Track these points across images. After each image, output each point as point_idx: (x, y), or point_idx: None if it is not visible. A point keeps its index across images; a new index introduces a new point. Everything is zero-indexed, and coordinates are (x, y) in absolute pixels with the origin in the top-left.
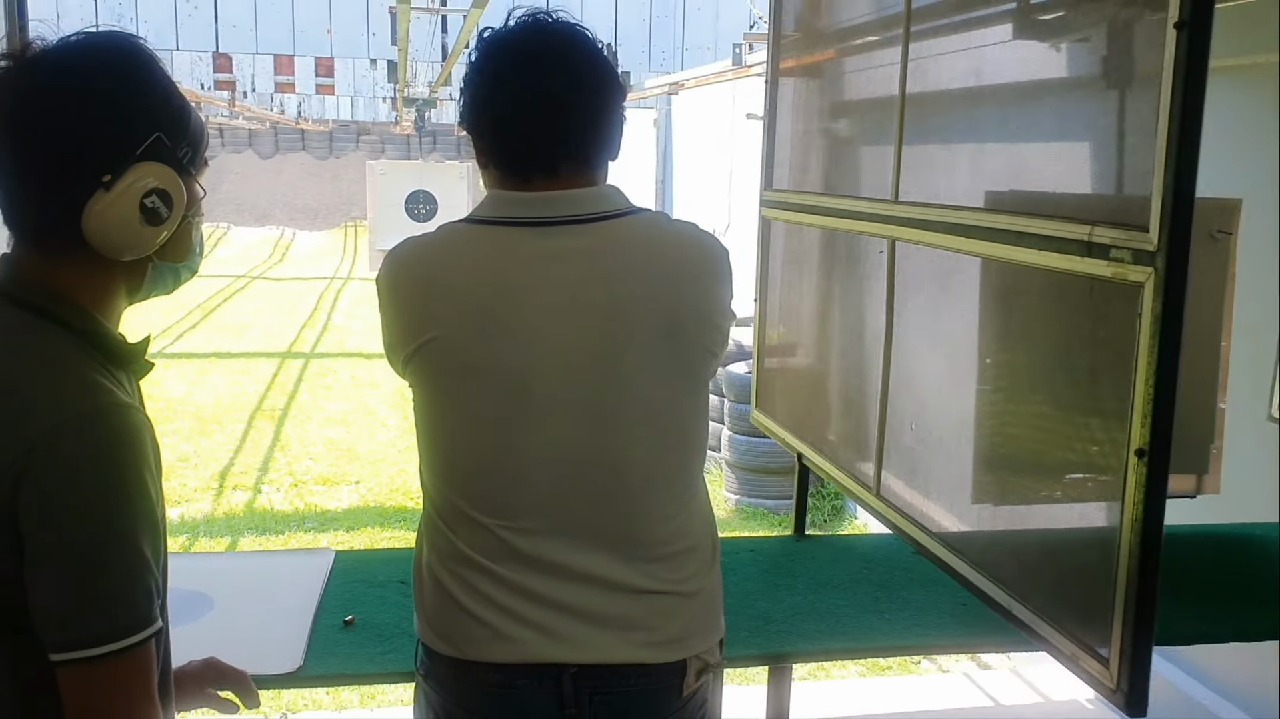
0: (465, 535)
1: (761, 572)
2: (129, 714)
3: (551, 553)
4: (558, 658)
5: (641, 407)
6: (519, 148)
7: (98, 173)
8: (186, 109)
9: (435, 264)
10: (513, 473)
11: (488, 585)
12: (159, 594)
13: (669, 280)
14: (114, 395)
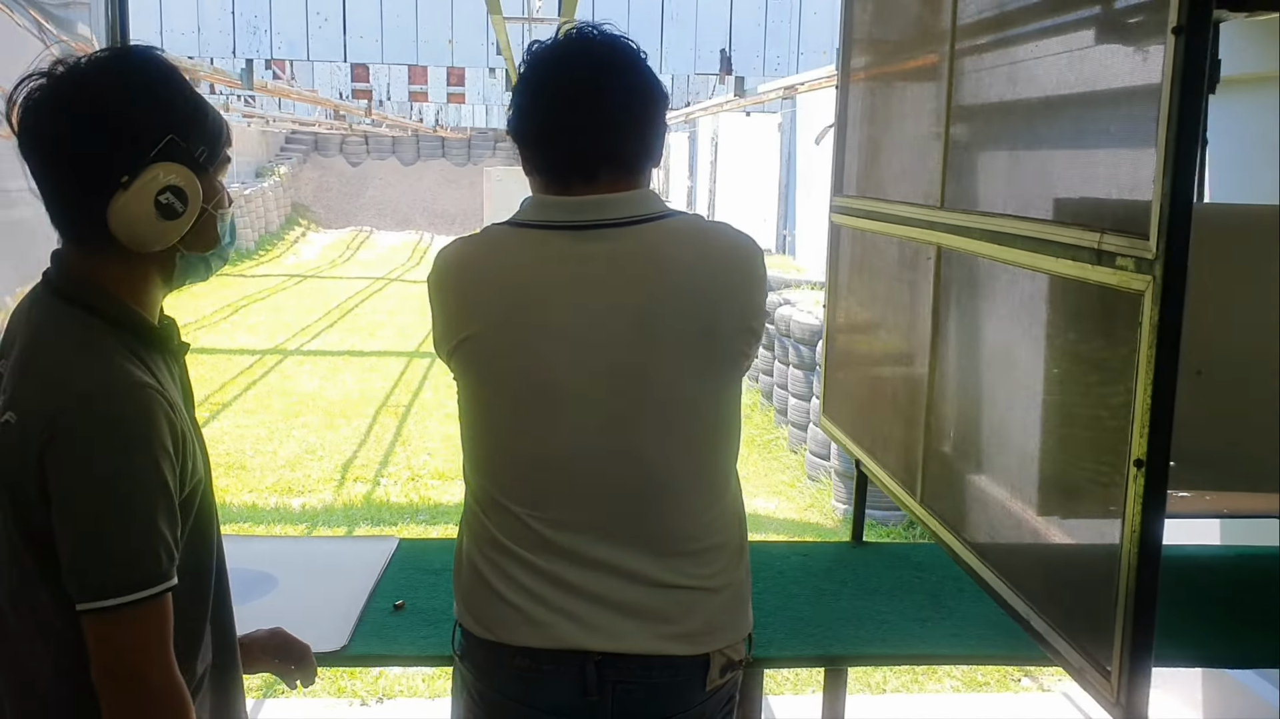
0: (500, 524)
1: (810, 576)
2: (142, 663)
3: (582, 544)
4: (584, 645)
5: (671, 408)
6: (560, 155)
7: (117, 175)
8: (200, 112)
9: (476, 265)
10: (543, 467)
11: (520, 572)
12: (173, 557)
13: (702, 283)
14: (131, 376)
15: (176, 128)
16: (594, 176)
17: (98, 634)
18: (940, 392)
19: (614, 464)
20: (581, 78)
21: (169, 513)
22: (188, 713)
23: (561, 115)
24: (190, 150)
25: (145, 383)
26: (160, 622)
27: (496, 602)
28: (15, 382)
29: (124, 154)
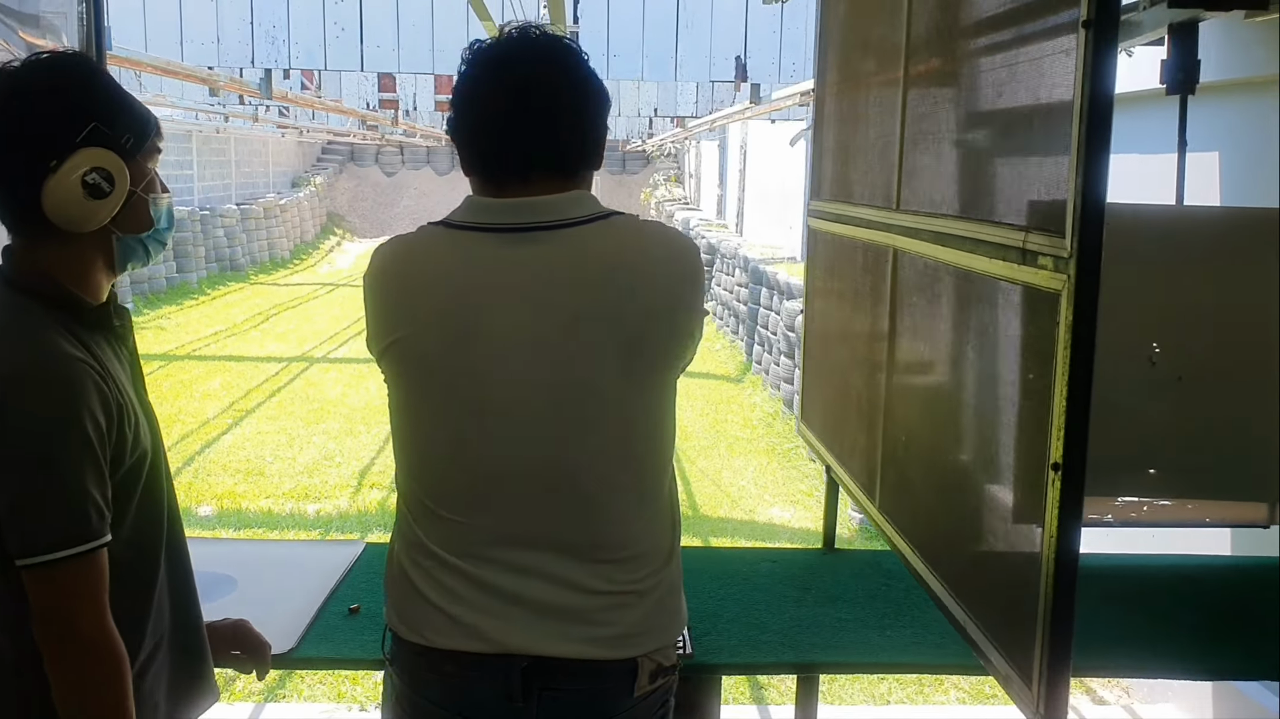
0: (428, 528)
1: (776, 583)
2: (74, 615)
3: (509, 550)
4: (509, 648)
5: (600, 414)
6: (492, 155)
7: (45, 161)
8: (124, 103)
9: (407, 266)
10: (471, 473)
11: (448, 577)
12: (104, 516)
13: (632, 286)
14: (60, 350)
15: (100, 116)
16: (528, 178)
17: (34, 588)
18: (894, 397)
19: (542, 471)
20: (517, 77)
21: (97, 475)
22: (120, 666)
23: (495, 115)
24: (115, 136)
25: (74, 356)
26: (93, 577)
27: (425, 606)
28: None
29: (50, 141)
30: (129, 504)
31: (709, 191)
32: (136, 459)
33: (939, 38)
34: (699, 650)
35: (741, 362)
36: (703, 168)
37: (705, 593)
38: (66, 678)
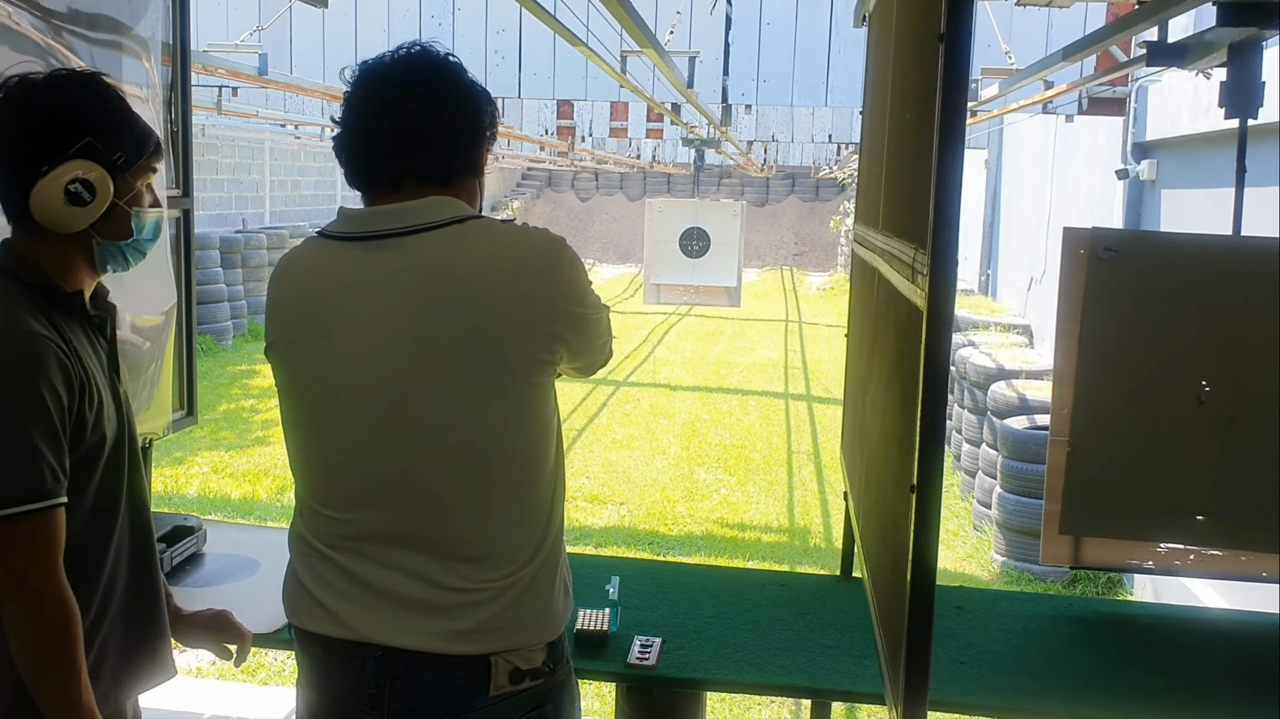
0: (307, 520)
1: (773, 606)
2: (26, 569)
3: (370, 543)
4: (366, 636)
5: (445, 418)
6: (361, 165)
7: (38, 165)
8: (124, 123)
9: (283, 276)
10: (329, 472)
11: (319, 565)
12: (59, 479)
13: (478, 290)
14: (27, 325)
15: (96, 132)
16: (396, 186)
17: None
18: (868, 422)
19: (391, 473)
20: (384, 91)
21: (52, 439)
22: (70, 621)
23: (362, 127)
24: (108, 153)
25: (38, 332)
26: (47, 534)
27: (300, 591)
28: None
29: (46, 149)
30: (89, 479)
31: None
32: (98, 439)
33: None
34: (666, 664)
35: None
36: None
37: (697, 609)
38: (20, 630)
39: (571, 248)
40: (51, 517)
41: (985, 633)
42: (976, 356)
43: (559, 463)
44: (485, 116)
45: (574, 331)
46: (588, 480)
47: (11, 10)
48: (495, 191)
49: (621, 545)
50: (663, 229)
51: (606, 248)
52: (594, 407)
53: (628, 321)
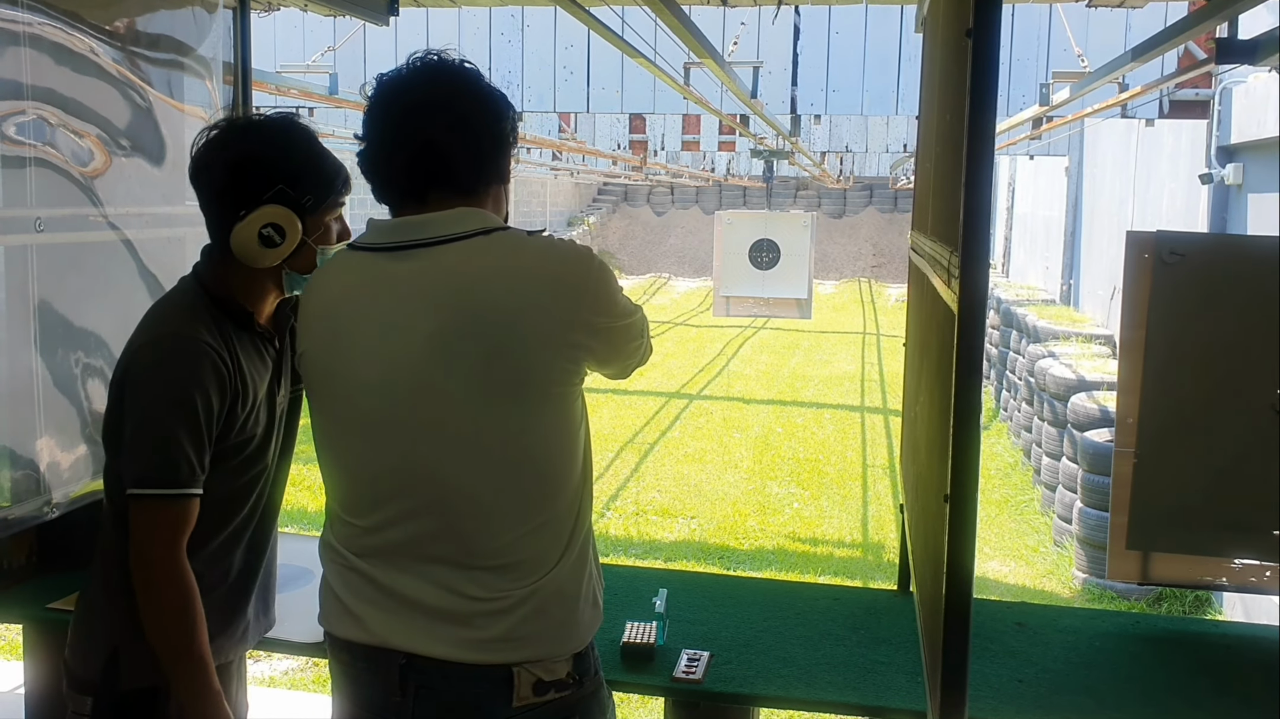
0: (337, 529)
1: (826, 620)
2: (151, 546)
3: (396, 552)
4: (391, 643)
5: (467, 427)
6: (385, 178)
7: (237, 209)
8: (311, 167)
9: (314, 286)
10: (357, 481)
11: (349, 574)
12: (194, 472)
13: (499, 300)
14: (195, 332)
15: (287, 179)
16: (423, 198)
17: (131, 514)
18: (919, 432)
19: (414, 482)
20: (405, 103)
21: (194, 436)
22: (188, 597)
23: (387, 140)
24: (297, 197)
25: (203, 339)
26: (173, 518)
27: (331, 598)
28: (139, 323)
29: (244, 194)
30: (223, 469)
31: None
32: (245, 439)
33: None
34: (713, 678)
35: (990, 408)
36: None
37: (748, 623)
38: (144, 598)
39: (599, 258)
40: (182, 504)
41: (1046, 650)
42: (1056, 368)
43: (586, 472)
44: (507, 123)
45: (600, 342)
46: (659, 494)
47: (72, 32)
48: (571, 206)
49: (691, 559)
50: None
51: (681, 262)
52: (666, 420)
53: (701, 335)
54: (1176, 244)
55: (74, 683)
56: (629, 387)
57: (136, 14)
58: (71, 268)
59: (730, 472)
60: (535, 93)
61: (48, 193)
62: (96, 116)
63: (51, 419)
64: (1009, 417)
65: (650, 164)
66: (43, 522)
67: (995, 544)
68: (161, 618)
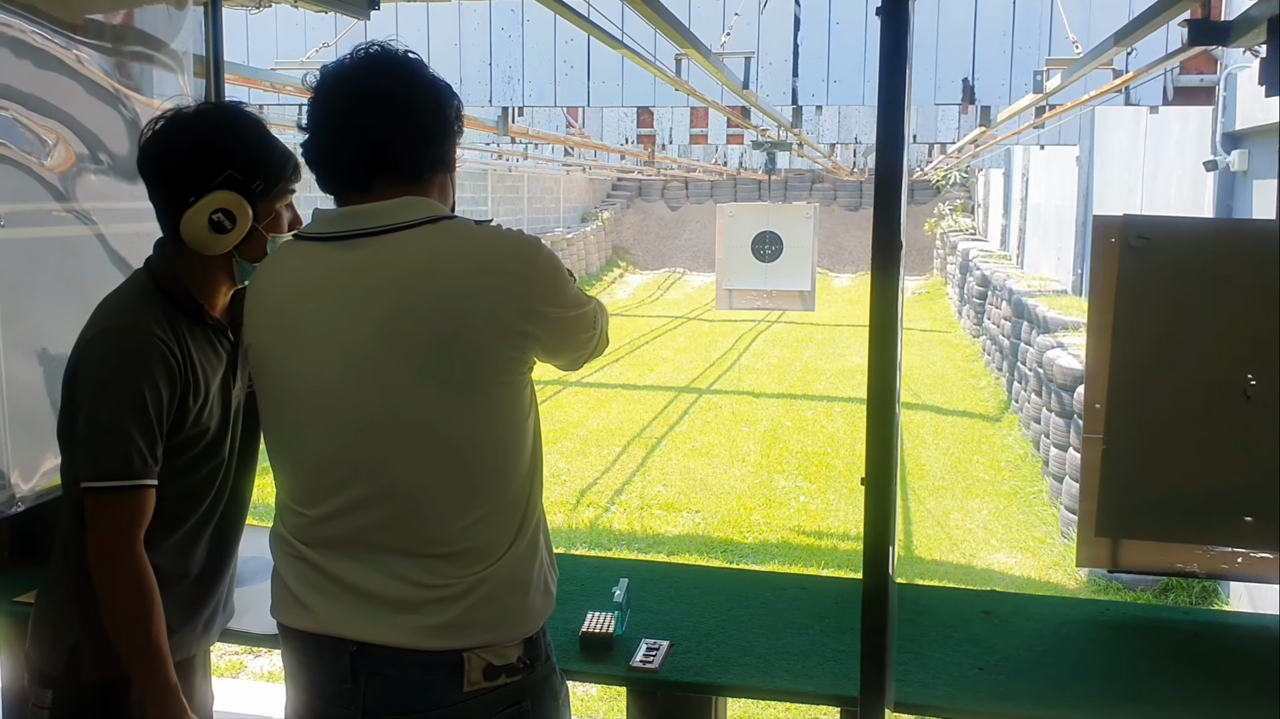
0: (286, 519)
1: (791, 609)
2: (109, 538)
3: (345, 541)
4: (341, 632)
5: (413, 415)
6: (329, 168)
7: (186, 195)
8: (262, 153)
9: (260, 277)
10: (303, 470)
11: (297, 563)
12: (147, 462)
13: (446, 289)
14: (144, 325)
15: (236, 164)
16: (368, 187)
17: (86, 508)
18: None
19: (361, 470)
20: (348, 94)
21: (144, 428)
22: (146, 589)
23: (328, 130)
24: (247, 183)
25: (151, 332)
26: (128, 510)
27: (281, 588)
28: (90, 316)
29: (194, 182)
30: (181, 463)
31: (995, 222)
32: (198, 431)
33: None
34: (670, 667)
35: (1002, 400)
36: (990, 197)
37: (711, 613)
38: (104, 594)
39: (547, 248)
40: (136, 496)
41: (1010, 638)
42: (1064, 358)
43: (536, 460)
44: (450, 112)
45: (547, 331)
46: (664, 488)
47: (32, 29)
48: (584, 202)
49: (694, 553)
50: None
51: (696, 256)
52: (675, 415)
53: (714, 329)
54: (1143, 228)
55: (35, 676)
56: (638, 381)
57: (102, 10)
58: (36, 264)
59: (737, 465)
60: (536, 88)
61: (8, 189)
62: (59, 112)
63: (16, 414)
64: (1019, 408)
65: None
66: (6, 516)
67: (1002, 536)
68: (119, 610)
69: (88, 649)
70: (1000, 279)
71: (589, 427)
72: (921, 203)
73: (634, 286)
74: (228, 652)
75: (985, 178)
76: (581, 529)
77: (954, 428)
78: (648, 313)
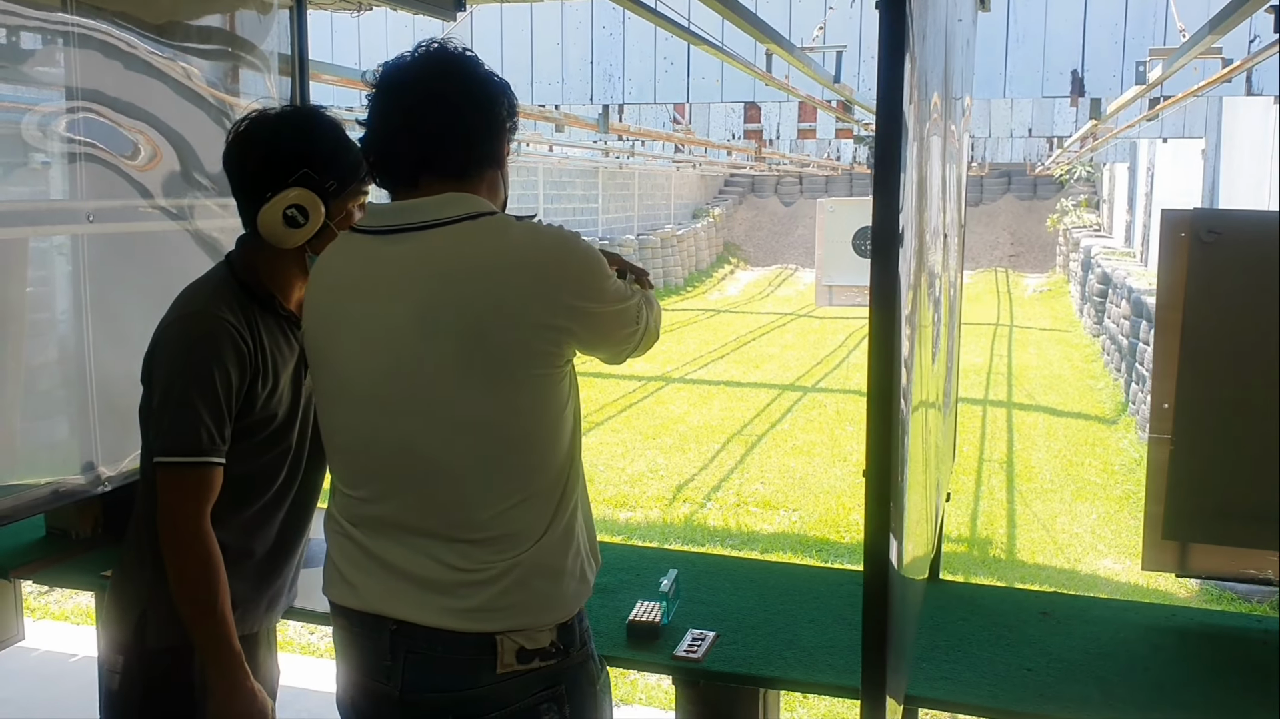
0: (336, 499)
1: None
2: (175, 513)
3: (386, 523)
4: (382, 610)
5: (447, 404)
6: (381, 163)
7: (263, 191)
8: (335, 153)
9: (318, 268)
10: (348, 454)
11: (345, 542)
12: (215, 441)
13: (481, 283)
14: (219, 311)
15: (311, 164)
16: (415, 182)
17: (157, 482)
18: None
19: (398, 456)
20: (400, 90)
21: (213, 408)
22: (211, 561)
23: (381, 126)
24: (321, 181)
25: (224, 319)
26: (198, 483)
27: (331, 566)
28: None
29: (272, 179)
30: (251, 446)
31: (1120, 217)
32: (266, 416)
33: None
34: (714, 658)
35: (1119, 401)
36: (1114, 192)
37: (762, 605)
38: (170, 562)
39: (585, 243)
40: (203, 472)
41: (1065, 640)
42: None
43: (574, 450)
44: (502, 109)
45: (582, 325)
46: (761, 485)
47: (121, 33)
48: (695, 199)
49: (788, 551)
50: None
51: (809, 253)
52: (777, 412)
53: (824, 327)
54: (1214, 222)
55: (110, 643)
56: (743, 378)
57: (190, 15)
58: (123, 258)
59: (838, 464)
60: (636, 85)
61: (98, 187)
62: (147, 114)
63: (104, 400)
64: (1136, 410)
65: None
66: (92, 495)
67: (1110, 541)
68: (185, 578)
69: (154, 618)
70: (1120, 277)
71: (689, 423)
72: (1044, 198)
73: (744, 283)
74: (325, 633)
75: (1110, 172)
76: (676, 525)
77: (1067, 429)
78: (757, 309)
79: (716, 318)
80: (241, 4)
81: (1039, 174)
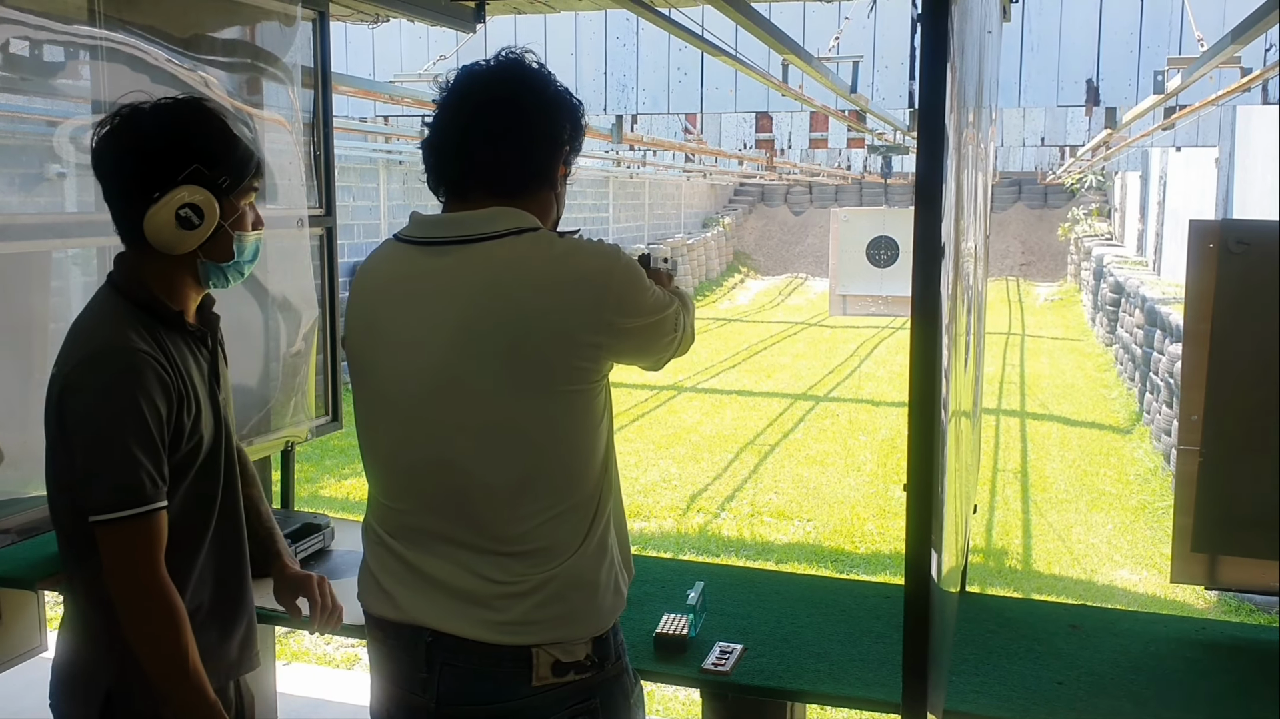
0: (375, 510)
1: (871, 618)
2: (132, 566)
3: (424, 534)
4: (418, 620)
5: (486, 419)
6: (436, 170)
7: (150, 191)
8: (227, 148)
9: (359, 276)
10: (387, 465)
11: (383, 552)
12: (157, 484)
13: (521, 299)
14: (130, 342)
15: (202, 159)
16: (465, 195)
17: (100, 541)
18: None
19: (435, 468)
20: (461, 100)
21: (149, 448)
22: (175, 614)
23: (440, 137)
24: (214, 178)
25: (138, 348)
26: (149, 534)
27: (367, 576)
28: (63, 344)
29: (157, 176)
30: (184, 479)
31: (1132, 226)
32: (194, 444)
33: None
34: (742, 671)
35: (1133, 411)
36: (1126, 201)
37: (789, 619)
38: (131, 624)
39: (626, 259)
40: (152, 519)
41: (1095, 653)
42: None
43: (608, 464)
44: (563, 129)
45: (623, 341)
46: (775, 495)
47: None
48: (705, 207)
49: (803, 562)
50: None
51: (819, 262)
52: (790, 422)
53: (835, 336)
54: (1243, 233)
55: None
56: (755, 387)
57: (215, 28)
58: None
59: (852, 474)
60: (649, 95)
61: None
62: None
63: None
64: (1151, 419)
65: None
66: None
67: (1127, 552)
68: (151, 637)
69: (120, 698)
70: (1134, 286)
71: (702, 432)
72: (1055, 207)
73: (754, 292)
74: (343, 644)
75: (1122, 181)
76: (691, 535)
77: (1081, 439)
78: (767, 318)
79: (727, 327)
80: (265, 17)
81: (1050, 183)
